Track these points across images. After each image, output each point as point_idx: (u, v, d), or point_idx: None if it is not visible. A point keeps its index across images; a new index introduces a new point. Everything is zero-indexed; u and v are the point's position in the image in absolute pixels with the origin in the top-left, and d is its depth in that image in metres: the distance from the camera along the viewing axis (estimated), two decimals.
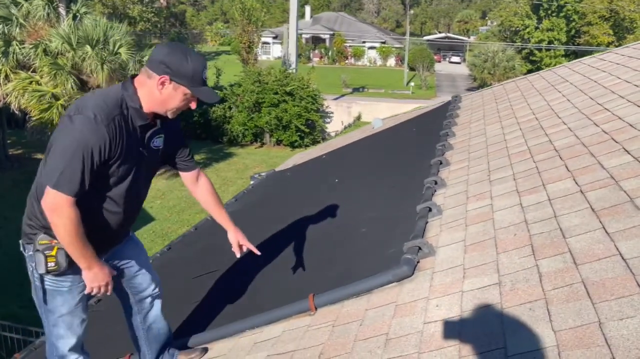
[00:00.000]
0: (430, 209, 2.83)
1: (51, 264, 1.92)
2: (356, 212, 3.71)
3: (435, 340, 1.70)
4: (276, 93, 21.36)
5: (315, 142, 21.28)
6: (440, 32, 71.61)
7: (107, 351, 2.92)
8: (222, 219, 2.33)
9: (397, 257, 2.33)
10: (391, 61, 53.94)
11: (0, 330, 6.58)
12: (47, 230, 1.91)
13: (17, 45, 14.02)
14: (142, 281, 2.25)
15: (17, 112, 14.74)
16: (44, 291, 2.02)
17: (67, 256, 1.91)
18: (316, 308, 2.31)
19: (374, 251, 2.76)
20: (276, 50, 51.47)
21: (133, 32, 24.37)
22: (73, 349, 2.13)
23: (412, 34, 51.63)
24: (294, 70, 23.75)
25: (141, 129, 1.96)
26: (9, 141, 19.39)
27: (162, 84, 1.89)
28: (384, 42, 54.93)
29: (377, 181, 4.36)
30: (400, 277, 2.20)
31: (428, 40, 58.65)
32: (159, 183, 17.40)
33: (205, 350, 2.45)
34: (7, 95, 13.97)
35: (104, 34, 14.15)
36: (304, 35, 49.97)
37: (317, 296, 2.34)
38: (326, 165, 6.56)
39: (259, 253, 2.38)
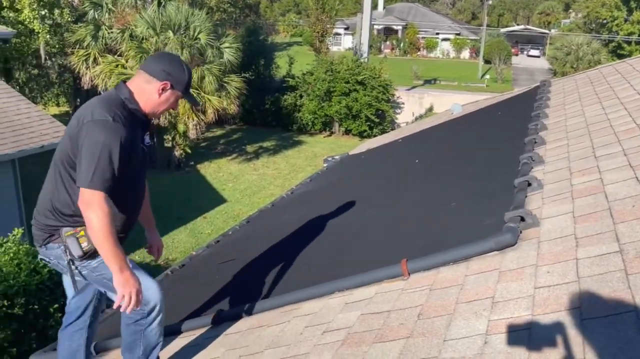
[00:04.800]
0: (529, 184, 2.70)
1: (85, 244, 2.04)
2: (442, 189, 3.61)
3: (551, 304, 1.60)
4: (347, 82, 21.27)
5: (384, 132, 21.06)
6: (518, 25, 68.67)
7: (192, 312, 3.01)
8: (148, 219, 2.52)
9: (497, 227, 2.23)
10: (465, 53, 52.39)
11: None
12: (69, 222, 2.06)
13: (105, 29, 14.78)
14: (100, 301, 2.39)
15: (102, 94, 15.58)
16: (93, 269, 2.11)
17: None
18: (409, 273, 2.25)
19: (467, 222, 2.66)
20: (347, 42, 51.29)
21: (210, 21, 25.09)
22: (155, 305, 2.19)
23: (488, 26, 49.79)
24: (366, 60, 23.58)
25: (141, 127, 2.16)
26: None
27: (163, 89, 2.11)
28: (458, 34, 53.41)
29: (462, 160, 4.22)
30: (503, 245, 2.10)
31: (505, 32, 56.41)
32: (231, 167, 17.87)
33: None
34: (95, 77, 14.77)
35: (185, 20, 14.63)
36: (375, 27, 49.43)
37: (410, 261, 2.28)
38: (403, 148, 6.45)
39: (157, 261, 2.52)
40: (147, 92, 2.11)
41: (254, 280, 3.21)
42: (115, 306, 2.01)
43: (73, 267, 2.09)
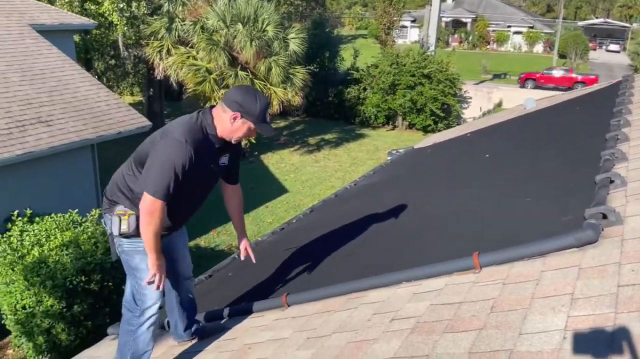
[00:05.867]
0: (612, 180, 2.57)
1: (123, 227, 2.36)
2: (515, 184, 3.50)
3: (636, 302, 1.52)
4: (413, 75, 20.95)
5: (449, 127, 20.61)
6: (597, 18, 64.97)
7: (261, 293, 3.09)
8: (240, 226, 2.84)
9: (576, 224, 2.15)
10: (538, 47, 50.23)
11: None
12: (124, 204, 2.38)
13: (179, 22, 15.31)
14: (182, 264, 2.71)
15: (174, 85, 16.16)
16: (125, 252, 2.44)
17: (136, 223, 2.34)
18: (481, 267, 2.21)
19: (543, 218, 2.57)
20: (413, 35, 50.45)
21: (277, 13, 25.46)
22: (152, 305, 2.45)
23: (564, 19, 47.43)
24: (433, 53, 23.11)
25: (214, 150, 2.41)
26: (165, 112, 21.40)
27: (234, 118, 2.35)
28: (531, 27, 51.25)
29: (537, 156, 4.07)
30: (583, 241, 2.01)
31: (583, 25, 53.57)
32: (293, 159, 18.10)
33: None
34: (167, 68, 15.35)
35: (254, 13, 14.89)
36: (444, 19, 48.24)
37: (482, 255, 2.24)
38: (472, 142, 6.29)
39: (254, 261, 2.81)
40: (223, 121, 2.37)
41: (320, 267, 3.25)
42: (145, 282, 2.36)
43: (111, 238, 2.48)
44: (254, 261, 2.79)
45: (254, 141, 15.65)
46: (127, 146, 16.94)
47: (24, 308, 6.04)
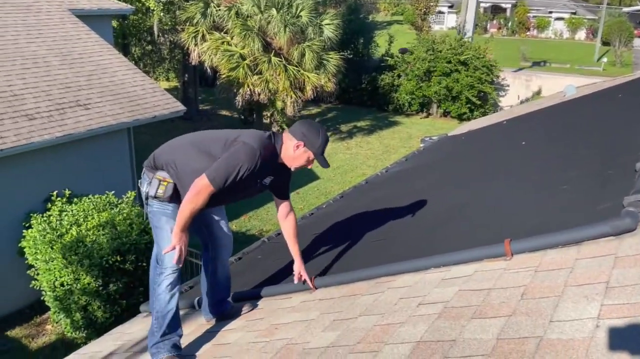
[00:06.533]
0: None
1: (160, 191, 2.53)
2: (551, 172, 3.40)
3: None
4: (449, 62, 20.55)
5: (485, 115, 20.19)
6: None
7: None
8: (295, 251, 2.86)
9: (613, 212, 2.07)
10: (581, 34, 48.51)
11: (188, 256, 7.47)
12: (168, 172, 2.54)
13: (214, 7, 15.38)
14: (221, 236, 2.83)
15: (209, 70, 16.30)
16: (153, 213, 2.57)
17: (173, 191, 2.52)
18: (512, 254, 2.16)
19: (579, 206, 2.50)
20: (450, 21, 49.44)
21: None
22: (171, 266, 2.50)
23: (609, 5, 45.61)
24: (470, 40, 22.60)
25: (268, 171, 2.60)
26: (199, 97, 21.66)
27: (298, 146, 2.57)
28: (574, 13, 49.51)
29: (575, 143, 3.94)
30: (620, 230, 1.94)
31: (628, 11, 51.42)
32: None
33: (255, 305, 2.92)
34: (202, 54, 15.48)
35: None
36: (482, 4, 47.11)
37: (514, 242, 2.19)
38: (508, 130, 6.15)
39: (313, 289, 2.79)
40: (288, 148, 2.59)
41: (348, 251, 3.24)
42: (164, 251, 2.47)
43: (143, 197, 2.62)
44: (313, 289, 2.79)
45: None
46: (161, 130, 17.19)
47: (62, 285, 6.25)
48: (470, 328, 1.71)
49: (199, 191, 2.39)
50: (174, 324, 2.55)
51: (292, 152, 2.58)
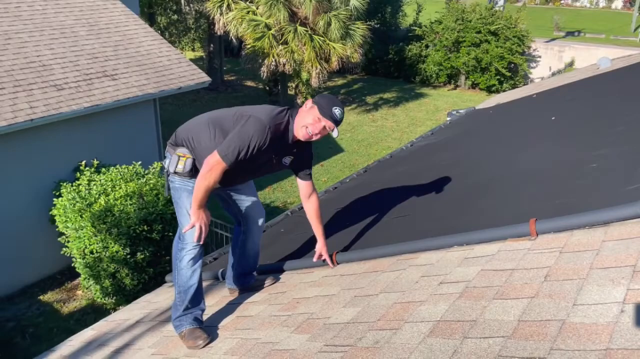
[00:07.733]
0: None
1: (180, 167, 2.57)
2: (582, 149, 3.32)
3: None
4: (479, 32, 20.00)
5: (515, 87, 19.69)
6: None
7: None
8: (318, 231, 2.84)
9: None
10: (617, 3, 46.56)
11: (213, 227, 7.59)
12: (187, 148, 2.58)
13: None
14: (251, 211, 2.87)
15: (234, 40, 16.20)
16: (175, 189, 2.62)
17: (191, 166, 2.56)
18: (537, 234, 2.12)
19: (608, 186, 2.43)
20: None
21: None
22: (191, 242, 2.54)
23: None
24: (502, 8, 21.90)
25: (283, 147, 2.60)
26: (225, 68, 21.62)
27: (306, 105, 2.59)
28: None
29: (608, 120, 3.82)
30: None
31: None
32: (350, 117, 17.93)
33: (277, 278, 2.97)
34: (227, 23, 15.38)
35: None
36: None
37: (539, 221, 2.15)
38: (538, 104, 5.99)
39: (332, 266, 2.81)
40: (300, 114, 2.58)
41: (370, 227, 3.24)
42: (184, 230, 2.54)
43: (165, 174, 2.70)
44: (332, 267, 2.82)
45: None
46: (186, 100, 17.07)
47: (91, 252, 6.43)
48: (491, 308, 1.70)
49: (211, 168, 2.42)
50: (197, 299, 2.60)
51: (304, 115, 2.56)
